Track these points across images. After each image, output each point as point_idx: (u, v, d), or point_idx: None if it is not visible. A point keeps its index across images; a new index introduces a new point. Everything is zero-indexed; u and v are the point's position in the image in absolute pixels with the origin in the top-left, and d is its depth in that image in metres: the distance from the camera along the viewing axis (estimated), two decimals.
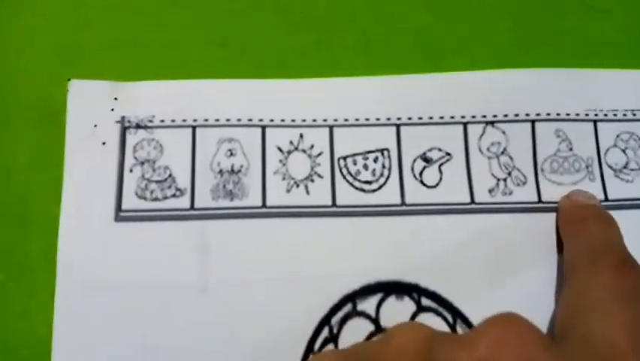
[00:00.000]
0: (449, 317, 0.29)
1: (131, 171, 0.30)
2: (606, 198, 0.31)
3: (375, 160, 0.31)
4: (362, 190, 0.31)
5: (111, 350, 0.28)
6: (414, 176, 0.31)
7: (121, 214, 0.30)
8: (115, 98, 0.31)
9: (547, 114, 0.32)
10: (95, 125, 0.31)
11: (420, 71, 0.33)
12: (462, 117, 0.32)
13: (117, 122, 0.31)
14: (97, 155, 0.31)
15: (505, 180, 0.31)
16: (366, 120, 0.32)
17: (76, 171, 0.30)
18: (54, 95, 0.31)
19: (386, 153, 0.31)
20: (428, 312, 0.29)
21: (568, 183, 0.31)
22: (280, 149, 0.31)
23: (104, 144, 0.31)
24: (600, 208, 0.30)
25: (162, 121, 0.31)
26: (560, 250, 0.30)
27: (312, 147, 0.31)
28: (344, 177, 0.31)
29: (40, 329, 0.29)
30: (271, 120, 0.31)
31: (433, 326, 0.28)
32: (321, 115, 0.32)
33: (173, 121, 0.31)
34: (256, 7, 0.34)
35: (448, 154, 0.32)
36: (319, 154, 0.31)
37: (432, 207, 0.31)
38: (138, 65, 0.32)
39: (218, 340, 0.29)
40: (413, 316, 0.29)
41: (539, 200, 0.31)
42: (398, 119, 0.32)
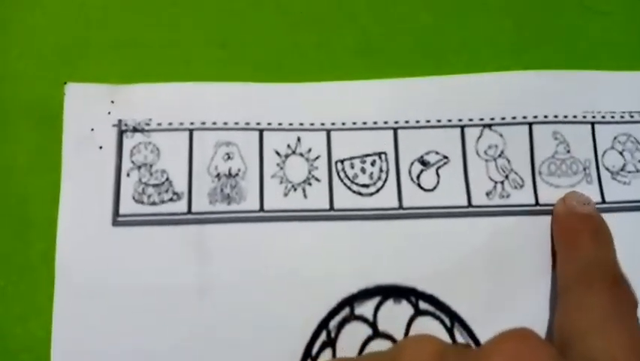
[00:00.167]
0: (447, 321, 0.29)
1: (128, 175, 0.30)
2: (603, 201, 0.31)
3: (372, 164, 0.31)
4: (359, 194, 0.31)
5: (109, 353, 0.28)
6: (411, 179, 0.31)
7: (118, 219, 0.30)
8: (112, 101, 0.31)
9: (544, 116, 0.32)
10: (92, 129, 0.31)
11: (420, 73, 0.33)
12: (459, 120, 0.32)
13: (114, 125, 0.31)
14: (94, 159, 0.31)
15: (502, 183, 0.31)
16: (364, 124, 0.32)
17: (74, 175, 0.30)
18: (52, 97, 0.31)
19: (383, 156, 0.31)
20: (426, 315, 0.29)
21: (565, 186, 0.31)
22: (278, 152, 0.31)
23: (101, 147, 0.31)
24: (593, 218, 0.30)
25: (159, 124, 0.31)
26: (554, 254, 0.30)
27: (309, 150, 0.31)
28: (341, 180, 0.31)
29: (39, 333, 0.29)
30: (269, 124, 0.31)
31: (430, 329, 0.29)
32: (319, 119, 0.32)
33: (170, 124, 0.31)
34: (256, 8, 0.34)
35: (446, 157, 0.32)
36: (317, 158, 0.31)
37: (429, 211, 0.31)
38: (137, 67, 0.32)
39: (216, 343, 0.29)
40: (411, 319, 0.29)
41: (537, 203, 0.31)
42: (395, 123, 0.32)
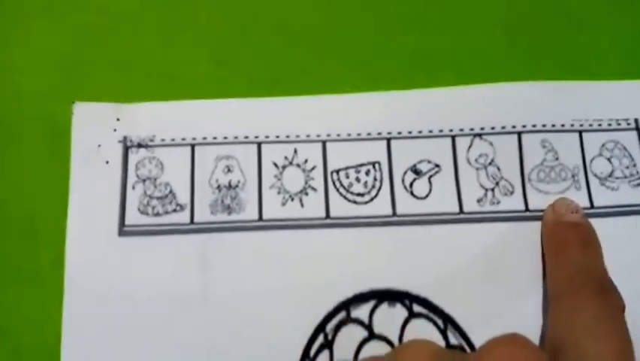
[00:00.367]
0: (440, 323, 0.30)
1: (133, 188, 0.32)
2: (592, 206, 0.32)
3: (367, 173, 0.32)
4: (354, 202, 0.32)
5: (117, 359, 0.30)
6: (404, 187, 0.32)
7: (124, 229, 0.31)
8: (117, 119, 0.33)
9: (533, 126, 0.33)
10: (99, 145, 0.32)
11: (412, 85, 0.34)
12: (450, 130, 0.33)
13: (120, 141, 0.32)
14: (101, 173, 0.32)
15: (493, 190, 0.32)
16: (358, 135, 0.33)
17: (82, 189, 0.32)
18: (60, 115, 0.33)
19: (377, 165, 0.32)
20: (420, 318, 0.30)
21: (554, 192, 0.32)
22: (275, 164, 0.32)
23: (108, 162, 0.32)
24: (582, 226, 0.30)
25: (162, 140, 0.32)
26: (544, 259, 0.31)
27: (305, 161, 0.32)
28: (337, 189, 0.32)
29: (49, 340, 0.30)
30: (266, 137, 0.33)
31: (424, 331, 0.30)
32: (315, 131, 0.33)
33: (173, 140, 0.32)
34: (251, 27, 0.35)
35: (437, 166, 0.32)
36: (313, 168, 0.32)
37: (422, 218, 0.32)
38: (140, 85, 0.33)
39: (218, 348, 0.30)
40: (405, 322, 0.30)
41: (527, 209, 0.32)
42: (388, 134, 0.33)
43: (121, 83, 0.34)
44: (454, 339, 0.30)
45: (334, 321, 0.30)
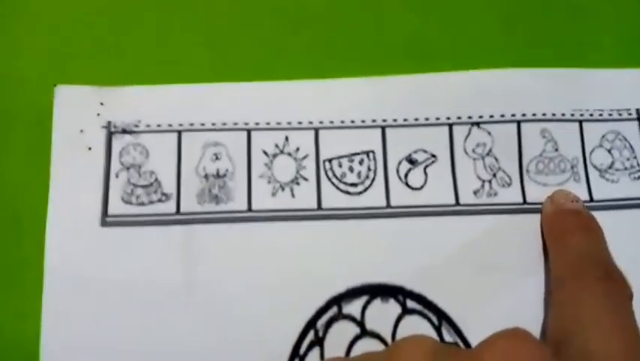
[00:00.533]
0: (434, 319, 0.29)
1: (117, 176, 0.31)
2: (591, 199, 0.31)
3: (360, 162, 0.31)
4: (347, 193, 0.31)
5: (98, 352, 0.29)
6: (399, 178, 0.31)
7: (107, 219, 0.30)
8: (101, 103, 0.32)
9: (532, 115, 0.32)
10: (81, 131, 0.31)
11: (411, 72, 0.33)
12: (447, 118, 0.32)
13: (103, 127, 0.31)
14: (83, 160, 0.31)
15: (490, 182, 0.32)
16: (352, 122, 0.32)
17: (63, 176, 0.30)
18: (41, 100, 0.32)
19: (371, 155, 0.32)
20: (413, 314, 0.29)
21: (553, 184, 0.32)
22: (265, 152, 0.31)
23: (90, 149, 0.31)
24: (583, 214, 0.30)
25: (148, 126, 0.31)
26: (546, 251, 0.30)
27: (297, 149, 0.31)
28: (329, 179, 0.31)
29: (29, 332, 0.29)
30: (256, 123, 0.32)
31: (418, 328, 0.29)
32: (307, 117, 0.32)
33: (159, 126, 0.31)
34: (243, 10, 0.34)
35: (433, 156, 0.32)
36: (305, 157, 0.31)
37: (417, 209, 0.31)
38: (126, 69, 0.32)
39: (204, 343, 0.29)
40: (398, 318, 0.29)
41: (524, 201, 0.31)
42: (383, 121, 0.32)
43: (106, 65, 0.33)
44: (448, 336, 0.29)
45: (325, 317, 0.29)
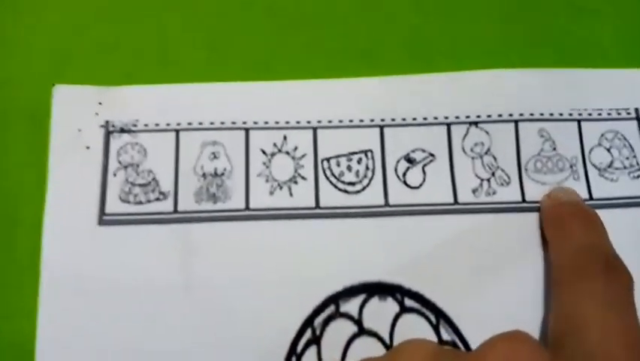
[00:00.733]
0: (432, 318, 0.29)
1: (114, 174, 0.31)
2: (591, 198, 0.31)
3: (358, 161, 0.31)
4: (345, 192, 0.31)
5: (95, 351, 0.28)
6: (397, 177, 0.31)
7: (104, 218, 0.30)
8: (99, 103, 0.32)
9: (530, 114, 0.32)
10: (80, 130, 0.31)
11: (408, 72, 0.33)
12: (445, 118, 0.32)
13: (101, 126, 0.31)
14: (81, 159, 0.31)
15: (488, 181, 0.31)
16: (350, 122, 0.32)
17: (61, 175, 0.30)
18: (40, 99, 0.32)
19: (370, 154, 0.32)
20: (411, 313, 0.29)
21: (552, 183, 0.31)
22: (264, 151, 0.31)
23: (88, 148, 0.31)
24: (581, 205, 0.30)
25: (146, 125, 0.31)
26: (545, 250, 0.30)
27: (295, 148, 0.31)
28: (327, 178, 0.31)
29: (25, 331, 0.29)
30: (255, 123, 0.32)
31: (416, 326, 0.29)
32: (305, 117, 0.32)
33: (157, 125, 0.31)
34: (242, 9, 0.34)
35: (432, 155, 0.32)
36: (303, 156, 0.31)
37: (415, 208, 0.31)
38: (125, 68, 0.32)
39: (202, 341, 0.29)
40: (396, 317, 0.29)
41: (523, 200, 0.31)
42: (382, 121, 0.32)
43: (104, 65, 0.33)
44: (446, 335, 0.29)
45: (323, 315, 0.29)
